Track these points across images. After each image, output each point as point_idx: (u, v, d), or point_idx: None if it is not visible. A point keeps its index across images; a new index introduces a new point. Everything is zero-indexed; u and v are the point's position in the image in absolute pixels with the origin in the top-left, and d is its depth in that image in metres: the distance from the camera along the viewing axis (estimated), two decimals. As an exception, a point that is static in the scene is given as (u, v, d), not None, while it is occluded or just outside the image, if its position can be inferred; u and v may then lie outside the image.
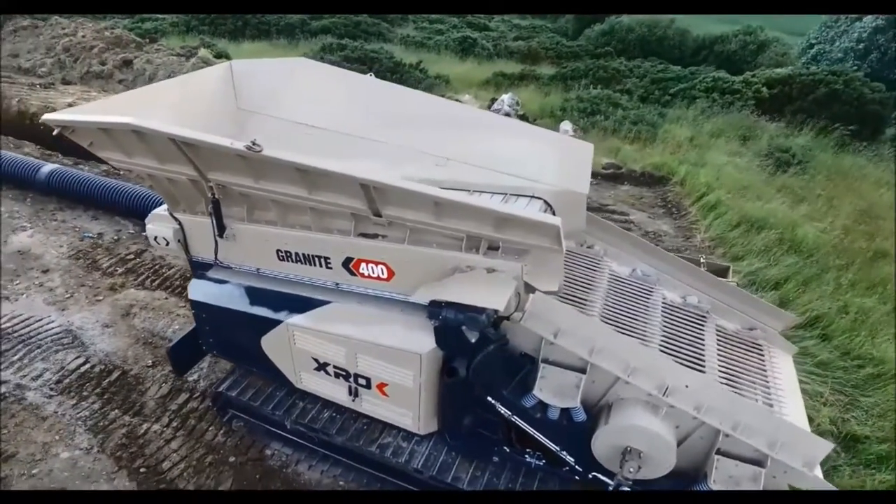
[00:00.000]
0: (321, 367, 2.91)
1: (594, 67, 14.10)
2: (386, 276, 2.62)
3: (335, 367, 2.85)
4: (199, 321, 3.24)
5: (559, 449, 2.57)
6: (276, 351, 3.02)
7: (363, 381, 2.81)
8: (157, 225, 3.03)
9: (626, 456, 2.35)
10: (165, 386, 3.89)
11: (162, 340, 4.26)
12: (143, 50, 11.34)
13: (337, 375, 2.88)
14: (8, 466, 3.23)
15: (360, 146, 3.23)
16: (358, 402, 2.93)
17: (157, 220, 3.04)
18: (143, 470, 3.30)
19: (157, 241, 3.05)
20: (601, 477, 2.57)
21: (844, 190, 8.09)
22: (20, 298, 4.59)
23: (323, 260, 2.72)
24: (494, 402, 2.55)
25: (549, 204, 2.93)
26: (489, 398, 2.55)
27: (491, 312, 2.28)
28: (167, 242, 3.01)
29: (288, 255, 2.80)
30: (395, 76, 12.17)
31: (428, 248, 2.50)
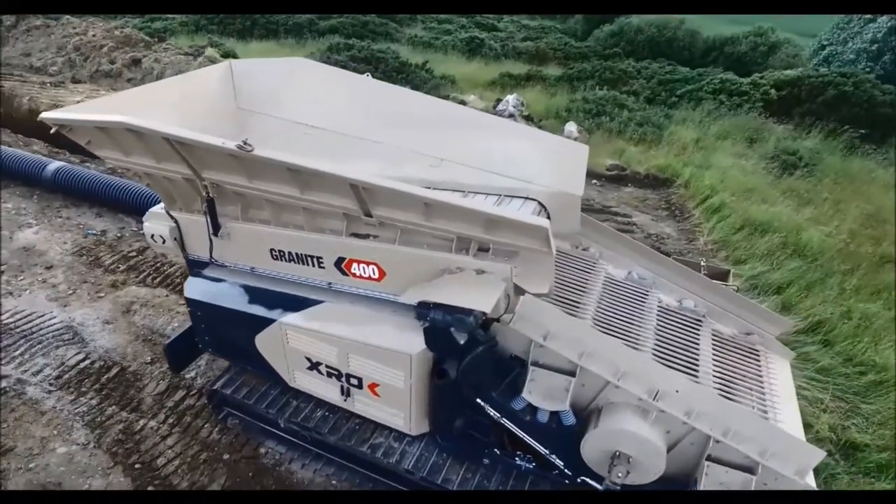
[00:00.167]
0: (314, 366, 2.91)
1: (601, 68, 14.01)
2: (377, 276, 2.62)
3: (327, 366, 2.86)
4: (194, 319, 3.27)
5: (548, 452, 2.56)
6: (270, 349, 3.03)
7: (355, 380, 2.82)
8: (153, 223, 3.06)
9: (614, 460, 2.33)
10: (163, 383, 3.93)
11: (161, 337, 4.30)
12: (151, 49, 11.46)
13: (329, 375, 2.89)
14: (6, 460, 3.27)
15: (358, 146, 3.24)
16: (350, 401, 2.94)
17: (154, 218, 3.07)
18: (138, 466, 3.33)
19: (153, 238, 3.08)
20: (590, 481, 2.56)
21: (852, 193, 7.97)
22: (23, 294, 4.65)
23: (316, 259, 2.73)
24: (484, 404, 2.55)
25: (543, 205, 2.92)
26: (478, 400, 2.55)
27: (479, 314, 2.27)
28: (164, 240, 3.04)
29: (281, 254, 2.81)
30: (400, 76, 12.16)
31: (418, 248, 2.50)
